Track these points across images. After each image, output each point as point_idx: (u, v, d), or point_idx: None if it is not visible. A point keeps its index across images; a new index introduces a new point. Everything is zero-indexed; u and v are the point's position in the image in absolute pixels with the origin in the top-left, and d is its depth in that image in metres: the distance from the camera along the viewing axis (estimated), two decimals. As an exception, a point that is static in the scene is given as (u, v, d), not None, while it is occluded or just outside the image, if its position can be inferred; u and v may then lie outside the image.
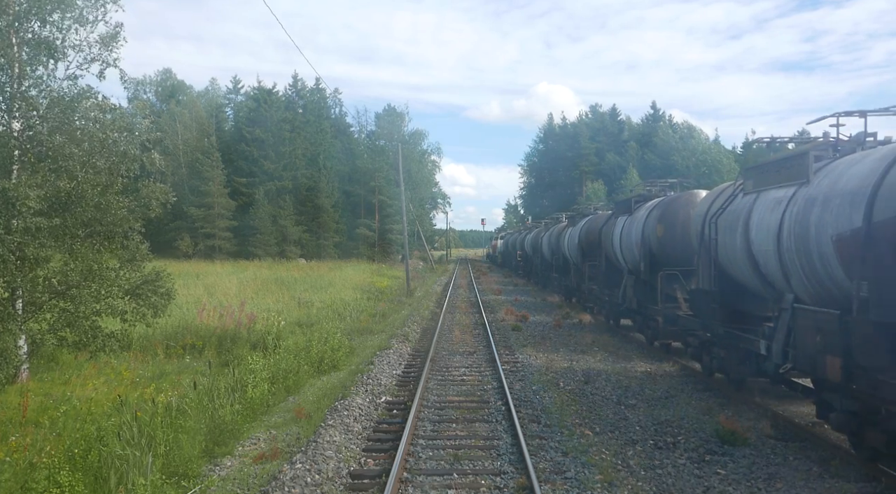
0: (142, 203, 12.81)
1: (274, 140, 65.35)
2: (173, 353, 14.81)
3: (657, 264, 15.91)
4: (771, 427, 9.69)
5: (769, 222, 9.82)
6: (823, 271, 8.41)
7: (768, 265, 9.94)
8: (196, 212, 59.28)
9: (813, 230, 8.57)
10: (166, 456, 7.61)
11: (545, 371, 14.02)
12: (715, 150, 75.76)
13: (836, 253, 7.98)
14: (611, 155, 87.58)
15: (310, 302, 24.67)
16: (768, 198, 10.14)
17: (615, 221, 19.94)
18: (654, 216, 16.22)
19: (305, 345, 14.38)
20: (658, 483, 7.59)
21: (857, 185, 7.87)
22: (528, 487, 7.30)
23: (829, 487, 7.47)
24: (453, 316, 24.80)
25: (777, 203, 9.73)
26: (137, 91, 78.59)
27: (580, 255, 25.09)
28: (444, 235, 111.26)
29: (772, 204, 9.92)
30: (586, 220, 25.69)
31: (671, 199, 16.16)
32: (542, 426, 9.91)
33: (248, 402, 10.31)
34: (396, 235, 64.55)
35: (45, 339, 12.14)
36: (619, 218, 19.62)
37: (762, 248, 10.05)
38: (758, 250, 10.24)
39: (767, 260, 9.92)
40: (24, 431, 8.75)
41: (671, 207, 15.63)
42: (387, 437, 9.42)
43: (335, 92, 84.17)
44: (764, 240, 9.95)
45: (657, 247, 15.88)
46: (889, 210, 7.21)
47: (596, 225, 23.15)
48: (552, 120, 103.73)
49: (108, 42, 12.42)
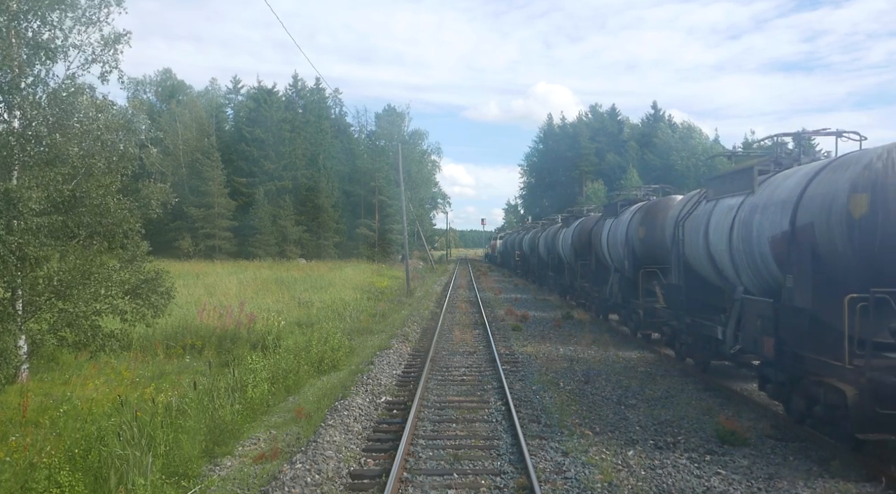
0: (142, 203, 12.82)
1: (274, 140, 65.37)
2: (173, 353, 14.81)
3: (639, 262, 17.37)
4: (771, 428, 9.70)
5: (723, 225, 11.44)
6: (763, 266, 10.10)
7: (723, 262, 11.58)
8: (196, 212, 59.29)
9: (755, 232, 10.21)
10: (166, 456, 7.61)
11: (545, 371, 14.02)
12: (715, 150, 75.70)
13: (771, 251, 9.71)
14: (611, 155, 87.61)
15: (310, 302, 24.67)
16: (724, 204, 11.83)
17: (603, 223, 21.52)
18: (636, 219, 17.66)
19: (305, 345, 14.38)
20: (658, 483, 7.59)
21: (787, 196, 9.53)
22: (528, 487, 7.30)
23: (829, 487, 7.47)
24: (453, 316, 24.80)
25: (730, 209, 11.39)
26: (137, 91, 78.69)
27: (573, 255, 26.61)
28: (444, 235, 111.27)
29: (726, 210, 11.59)
30: (579, 222, 27.00)
31: (652, 204, 17.52)
32: (543, 426, 9.91)
33: (248, 402, 10.31)
34: (396, 235, 64.55)
35: (45, 339, 12.14)
36: (607, 220, 21.18)
37: (718, 248, 11.66)
38: (715, 249, 11.85)
39: (722, 258, 11.54)
40: (24, 431, 8.76)
41: (651, 211, 16.96)
42: (387, 437, 9.42)
43: (335, 92, 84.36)
44: (719, 241, 11.56)
45: (639, 246, 17.34)
46: (807, 217, 8.88)
47: (587, 226, 24.56)
48: (552, 120, 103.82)
49: (112, 44, 12.42)
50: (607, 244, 20.45)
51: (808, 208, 8.97)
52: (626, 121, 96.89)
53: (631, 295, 18.10)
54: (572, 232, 27.22)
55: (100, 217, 12.13)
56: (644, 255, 17.15)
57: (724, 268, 11.66)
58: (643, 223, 17.02)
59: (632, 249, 17.83)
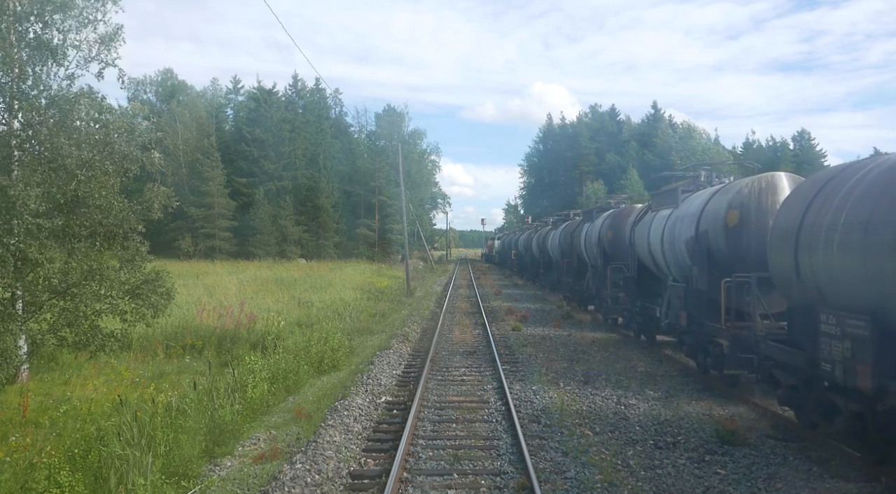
0: (144, 206, 12.82)
1: (274, 140, 65.37)
2: (173, 353, 14.81)
3: (608, 260, 20.53)
4: (771, 428, 9.70)
5: (659, 230, 14.97)
6: (682, 261, 13.62)
7: (659, 258, 15.13)
8: (196, 212, 59.27)
9: (677, 235, 13.81)
10: (166, 456, 7.61)
11: (545, 371, 14.02)
12: (714, 151, 75.79)
13: (686, 249, 13.31)
14: (610, 155, 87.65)
15: (310, 302, 24.66)
16: (661, 214, 15.43)
17: (583, 227, 24.94)
18: (606, 224, 21.05)
19: (305, 345, 14.38)
20: (658, 483, 7.59)
21: (695, 211, 13.11)
22: (528, 487, 7.30)
23: (829, 487, 7.47)
24: (453, 315, 24.81)
25: (664, 218, 15.02)
26: (138, 91, 78.72)
27: (560, 254, 30.29)
28: (444, 235, 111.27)
29: (662, 219, 15.14)
30: (565, 225, 30.61)
31: (618, 211, 20.94)
32: (542, 426, 9.92)
33: (248, 402, 10.30)
34: (396, 235, 64.54)
35: (45, 339, 12.14)
36: (585, 224, 24.72)
37: (656, 247, 15.19)
38: (654, 248, 15.43)
39: (658, 255, 15.13)
40: (24, 431, 8.76)
41: (618, 217, 20.22)
42: (387, 437, 9.42)
43: (335, 92, 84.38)
44: (657, 242, 15.11)
45: (608, 246, 20.56)
46: (705, 225, 12.47)
47: (570, 229, 28.22)
48: (552, 120, 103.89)
49: (108, 41, 12.43)
50: (584, 244, 23.80)
51: (706, 219, 12.49)
52: (625, 121, 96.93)
53: (602, 286, 21.09)
54: (560, 233, 30.51)
55: (101, 217, 12.13)
56: (612, 254, 20.27)
57: (660, 263, 15.24)
58: (611, 227, 20.28)
59: (602, 249, 21.07)
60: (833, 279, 7.92)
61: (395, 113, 75.97)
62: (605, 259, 20.75)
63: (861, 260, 7.31)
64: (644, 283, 16.88)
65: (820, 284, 8.21)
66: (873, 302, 7.18)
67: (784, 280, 9.35)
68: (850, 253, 7.51)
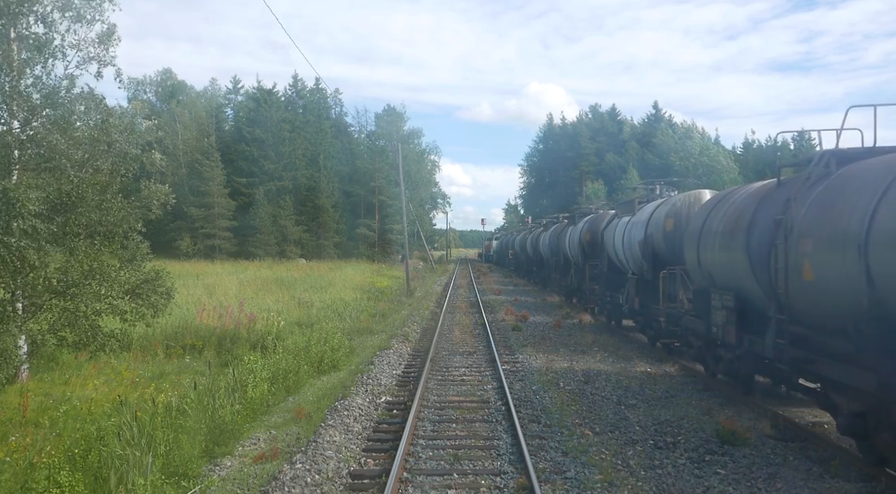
0: (143, 204, 12.81)
1: (274, 140, 65.35)
2: (173, 353, 14.81)
3: (587, 258, 24.32)
4: (771, 428, 9.69)
5: (621, 233, 18.72)
6: (636, 257, 17.06)
7: (621, 255, 18.82)
8: (196, 212, 59.26)
9: (633, 237, 17.27)
10: (166, 456, 7.61)
11: (545, 371, 14.03)
12: (714, 151, 75.67)
13: (639, 249, 16.68)
14: (611, 155, 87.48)
15: (310, 302, 24.65)
16: (623, 220, 19.39)
17: (567, 229, 29.13)
18: (585, 227, 25.02)
19: (305, 345, 14.38)
20: (658, 483, 7.59)
21: (645, 218, 16.72)
22: (528, 487, 7.30)
23: (829, 487, 7.47)
24: (453, 315, 24.81)
25: (624, 223, 18.85)
26: (137, 91, 78.67)
27: (550, 253, 34.56)
28: (444, 235, 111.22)
29: (623, 223, 19.04)
30: (554, 227, 35.22)
31: (595, 216, 25.05)
32: (542, 426, 9.91)
33: (248, 402, 10.30)
34: (396, 235, 64.54)
35: (45, 339, 12.13)
36: (570, 227, 28.73)
37: (619, 247, 18.96)
38: (617, 248, 19.22)
39: (620, 253, 18.90)
40: (24, 431, 8.76)
41: (594, 222, 24.19)
42: (387, 437, 9.42)
43: (335, 92, 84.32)
44: (619, 242, 18.89)
45: (587, 247, 24.33)
46: (651, 230, 16.09)
47: (558, 231, 32.35)
48: (552, 120, 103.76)
49: (105, 40, 12.44)
50: (568, 244, 28.04)
51: (651, 225, 16.16)
52: (626, 121, 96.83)
53: (582, 281, 25.24)
54: (549, 235, 35.41)
55: (101, 215, 12.12)
56: (589, 253, 24.13)
57: (622, 260, 18.94)
58: (589, 230, 24.31)
59: (582, 249, 24.94)
60: (717, 268, 11.49)
61: (394, 113, 75.98)
62: (584, 257, 24.60)
63: (728, 255, 10.81)
64: (612, 277, 20.38)
65: (711, 272, 11.81)
66: (735, 284, 10.77)
67: (693, 270, 13.05)
68: (724, 251, 11.00)
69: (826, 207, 8.17)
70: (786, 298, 8.90)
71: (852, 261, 7.26)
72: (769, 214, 9.58)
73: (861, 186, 7.69)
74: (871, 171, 7.79)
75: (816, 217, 8.28)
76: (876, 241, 6.98)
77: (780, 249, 8.90)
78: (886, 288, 6.88)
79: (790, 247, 8.65)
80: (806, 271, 8.30)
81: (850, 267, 7.34)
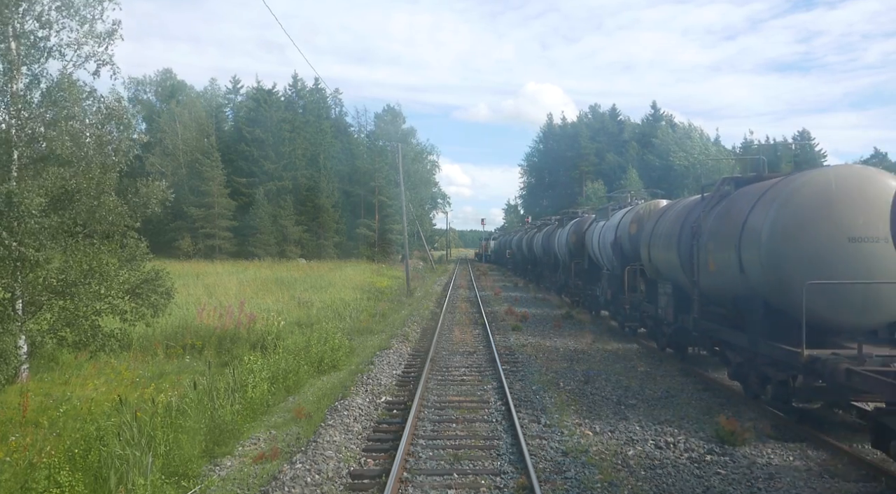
0: (140, 201, 12.80)
1: (274, 140, 65.34)
2: (173, 353, 14.81)
3: (573, 257, 27.06)
4: (771, 428, 9.70)
5: (598, 235, 21.88)
6: (609, 256, 20.07)
7: (598, 254, 21.95)
8: (196, 212, 59.26)
9: (607, 239, 20.37)
10: (166, 456, 7.61)
11: (545, 371, 14.03)
12: (714, 151, 75.67)
13: (610, 248, 19.71)
14: (611, 155, 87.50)
15: (310, 302, 24.66)
16: (599, 224, 22.50)
17: (556, 231, 32.25)
18: (571, 229, 27.61)
19: (305, 345, 14.37)
20: (658, 483, 7.58)
21: (615, 223, 19.74)
22: (528, 487, 7.30)
23: (829, 487, 7.47)
24: (453, 315, 24.80)
25: (602, 226, 21.81)
26: (137, 91, 78.68)
27: (543, 253, 37.03)
28: (444, 235, 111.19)
29: (599, 227, 22.20)
30: (546, 229, 37.59)
31: (580, 220, 27.80)
32: (542, 426, 9.91)
33: (248, 402, 10.30)
34: (396, 235, 64.54)
35: (45, 339, 12.13)
36: (559, 229, 31.69)
37: (596, 247, 22.09)
38: (595, 248, 22.38)
39: (597, 252, 21.96)
40: (24, 431, 8.76)
41: (579, 225, 26.79)
42: (387, 437, 9.41)
43: (335, 92, 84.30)
44: (597, 243, 22.03)
45: (573, 247, 26.85)
46: (620, 233, 18.89)
47: (549, 232, 35.16)
48: (552, 120, 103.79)
49: (105, 39, 12.44)
50: (557, 245, 30.54)
51: (620, 229, 18.97)
52: (626, 121, 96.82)
53: (568, 277, 28.56)
54: (542, 236, 37.38)
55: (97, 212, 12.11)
56: (575, 252, 26.59)
57: (599, 258, 22.04)
58: (574, 232, 26.76)
59: (569, 249, 27.47)
60: (662, 263, 14.65)
61: (394, 113, 75.98)
62: (570, 256, 27.48)
63: (666, 252, 14.14)
64: (592, 273, 23.77)
65: (658, 267, 15.08)
66: (672, 275, 14.01)
67: (647, 265, 16.13)
68: (665, 250, 14.24)
69: (723, 217, 11.40)
70: (699, 284, 12.33)
71: (733, 255, 10.55)
72: (690, 222, 12.70)
73: (743, 202, 10.87)
74: (752, 192, 10.92)
75: (717, 224, 11.52)
76: (744, 240, 10.23)
77: (696, 248, 12.23)
78: (749, 272, 10.10)
79: (701, 247, 12.02)
80: (710, 264, 11.65)
81: (732, 260, 10.62)
